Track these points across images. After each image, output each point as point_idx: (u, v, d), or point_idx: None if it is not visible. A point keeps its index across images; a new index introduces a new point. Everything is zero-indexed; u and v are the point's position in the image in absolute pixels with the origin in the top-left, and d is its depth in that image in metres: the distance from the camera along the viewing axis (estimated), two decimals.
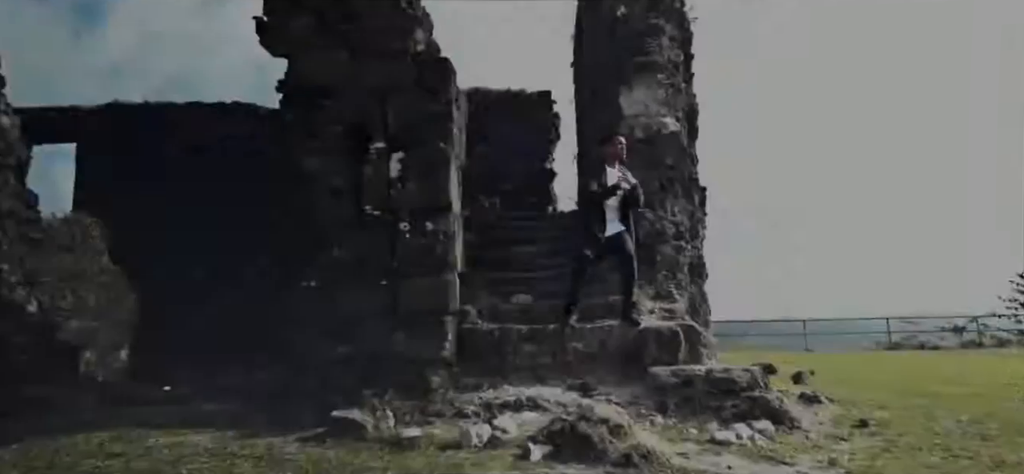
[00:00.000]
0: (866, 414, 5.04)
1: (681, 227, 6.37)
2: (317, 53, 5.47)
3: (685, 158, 6.50)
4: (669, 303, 5.86)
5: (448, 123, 5.38)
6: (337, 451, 4.07)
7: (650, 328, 5.26)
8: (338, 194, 5.36)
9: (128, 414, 4.99)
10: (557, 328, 5.51)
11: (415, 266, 5.23)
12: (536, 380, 5.25)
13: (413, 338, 5.13)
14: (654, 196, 6.38)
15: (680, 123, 6.68)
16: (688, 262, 6.30)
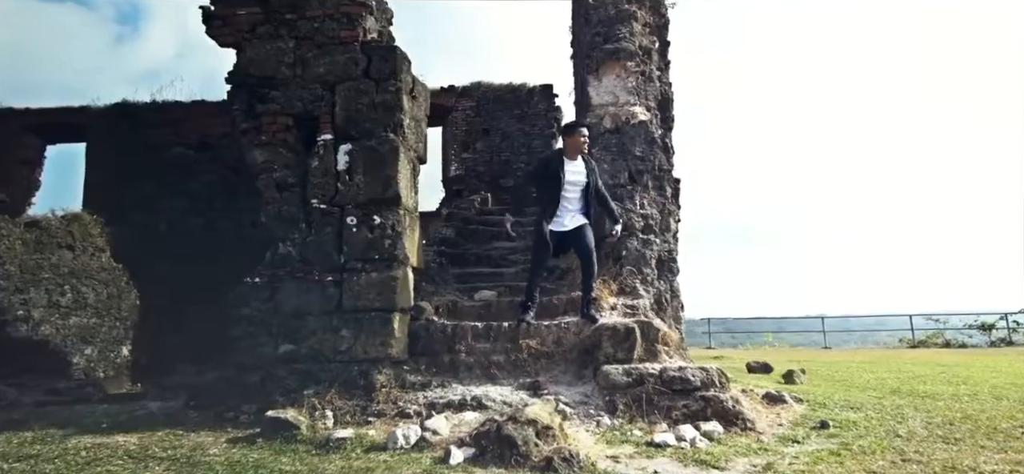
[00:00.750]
0: (833, 415, 4.78)
1: (650, 220, 6.12)
2: (264, 43, 5.34)
3: (655, 149, 6.24)
4: (633, 299, 5.63)
5: (397, 113, 5.21)
6: (261, 453, 3.94)
7: (606, 325, 5.04)
8: (284, 188, 5.21)
9: (66, 414, 4.91)
10: (511, 325, 5.32)
11: (361, 261, 5.07)
12: (488, 379, 5.06)
13: (358, 335, 4.96)
14: (622, 189, 6.15)
15: (651, 112, 6.42)
16: (656, 256, 6.04)
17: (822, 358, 12.63)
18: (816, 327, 22.89)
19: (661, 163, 6.28)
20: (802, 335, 23.13)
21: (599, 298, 5.55)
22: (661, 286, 5.96)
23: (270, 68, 5.30)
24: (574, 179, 5.35)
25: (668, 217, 6.23)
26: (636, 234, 5.96)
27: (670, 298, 6.13)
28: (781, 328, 23.43)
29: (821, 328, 22.47)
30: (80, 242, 12.73)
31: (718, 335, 23.60)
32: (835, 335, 23.24)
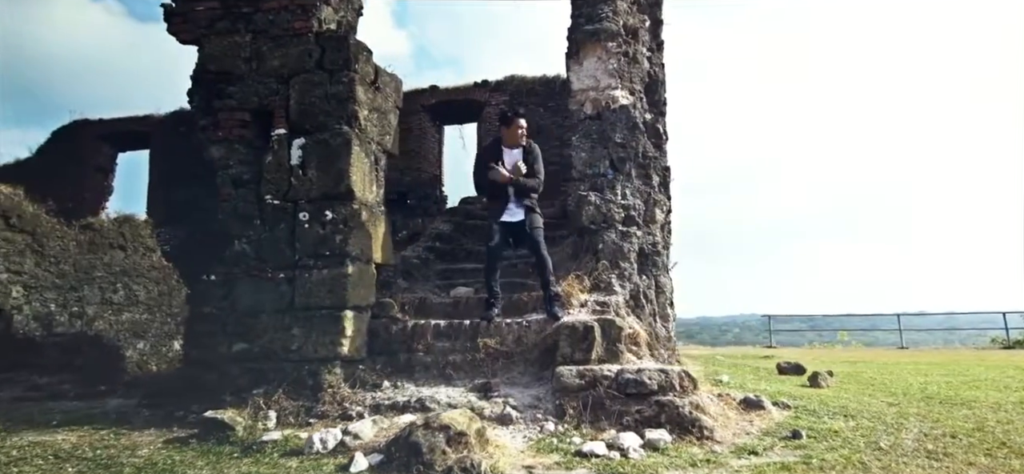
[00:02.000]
0: (815, 424, 4.27)
1: (632, 211, 5.70)
2: (221, 38, 5.28)
3: (637, 134, 5.81)
4: (606, 295, 5.25)
5: (350, 105, 5.03)
6: (183, 455, 3.84)
7: (565, 323, 4.70)
8: (240, 184, 5.14)
9: (29, 410, 5.01)
10: (472, 324, 5.06)
11: (313, 258, 4.92)
12: (443, 380, 4.82)
13: (309, 334, 4.82)
14: (601, 178, 5.76)
15: (636, 96, 5.99)
16: (637, 250, 5.62)
17: (883, 359, 11.66)
18: (909, 325, 20.90)
19: (646, 150, 5.85)
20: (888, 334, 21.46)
21: (569, 294, 5.20)
22: (642, 281, 5.54)
23: (227, 63, 5.24)
24: (512, 164, 5.15)
25: (654, 207, 5.80)
26: (615, 226, 5.57)
27: (655, 294, 5.70)
28: (874, 326, 21.65)
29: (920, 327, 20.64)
30: (131, 242, 13.35)
31: (784, 333, 22.15)
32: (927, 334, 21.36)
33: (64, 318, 11.64)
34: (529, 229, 5.08)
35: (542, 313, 5.08)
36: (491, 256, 5.14)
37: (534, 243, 5.05)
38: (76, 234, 11.93)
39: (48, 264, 11.48)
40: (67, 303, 11.65)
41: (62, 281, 11.61)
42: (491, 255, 5.14)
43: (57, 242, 11.57)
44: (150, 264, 13.26)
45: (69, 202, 12.47)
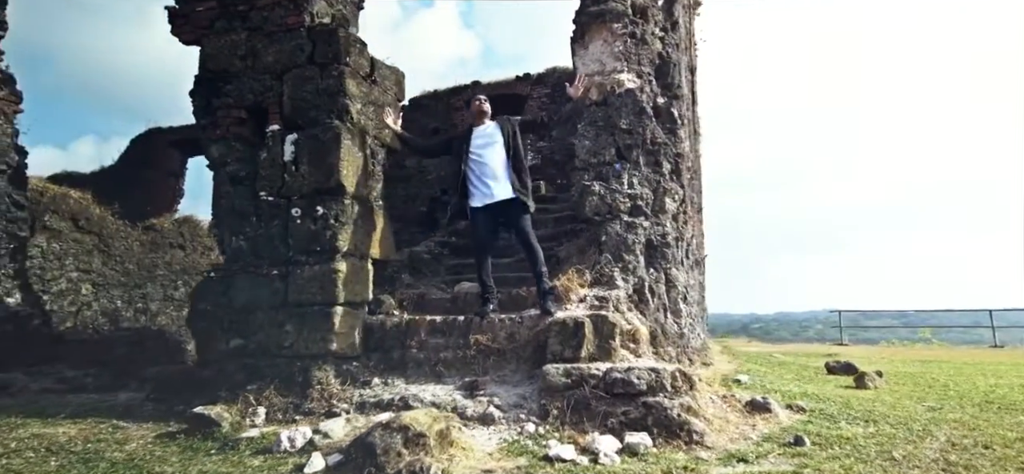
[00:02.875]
0: (826, 430, 3.89)
1: (639, 201, 5.39)
2: (219, 37, 5.32)
3: (644, 119, 5.48)
4: (607, 289, 4.97)
5: (341, 99, 4.96)
6: (165, 450, 3.88)
7: (556, 320, 4.47)
8: (237, 181, 5.17)
9: (46, 402, 5.21)
10: (466, 320, 4.90)
11: (305, 254, 4.89)
12: (434, 377, 4.69)
13: (301, 330, 4.79)
14: (607, 167, 5.48)
15: (644, 79, 5.67)
16: (644, 242, 5.30)
17: (964, 358, 10.73)
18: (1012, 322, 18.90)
19: (655, 135, 5.52)
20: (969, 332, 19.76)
21: (568, 289, 4.96)
22: (649, 275, 5.23)
23: (224, 61, 5.28)
24: (482, 142, 5.00)
25: (664, 196, 5.47)
26: (620, 217, 5.28)
27: (665, 288, 5.38)
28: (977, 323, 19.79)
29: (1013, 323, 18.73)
30: (190, 242, 13.98)
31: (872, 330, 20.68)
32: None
33: (129, 313, 12.27)
34: (517, 219, 4.86)
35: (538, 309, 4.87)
36: (478, 248, 4.97)
37: (522, 235, 4.85)
38: (139, 235, 12.54)
39: (114, 263, 12.10)
40: (132, 300, 12.28)
41: (127, 279, 12.23)
42: (477, 247, 4.97)
43: (122, 242, 12.17)
44: (209, 262, 13.81)
45: (148, 205, 13.10)
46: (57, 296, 11.53)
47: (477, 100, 5.15)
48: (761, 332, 50.65)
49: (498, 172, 4.91)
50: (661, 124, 5.78)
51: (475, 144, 5.03)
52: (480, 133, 5.03)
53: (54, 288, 12.01)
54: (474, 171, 4.96)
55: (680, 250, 5.77)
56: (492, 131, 5.03)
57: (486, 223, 4.96)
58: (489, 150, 4.97)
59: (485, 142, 5.01)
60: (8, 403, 5.33)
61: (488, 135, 5.03)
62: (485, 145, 5.00)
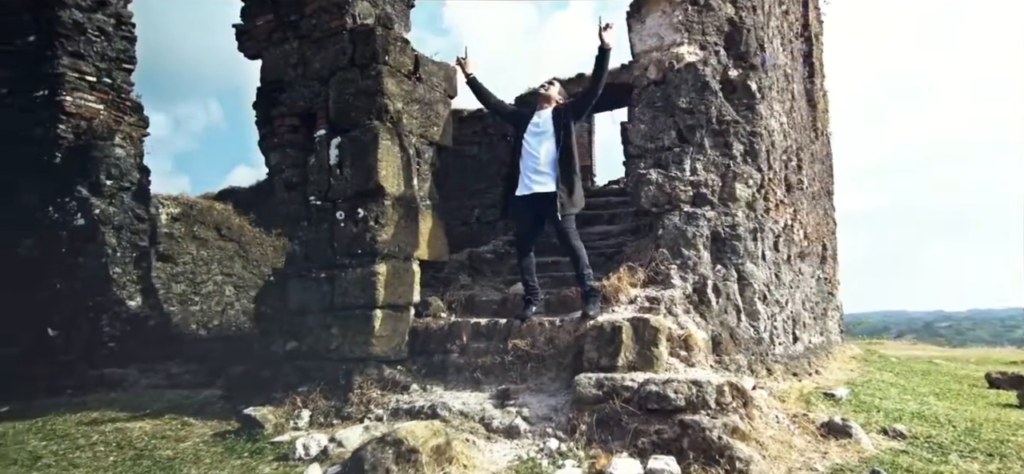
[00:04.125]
0: (923, 465, 3.14)
1: (703, 188, 4.78)
2: (275, 49, 5.49)
3: (708, 96, 4.84)
4: (661, 289, 4.46)
5: (379, 98, 4.90)
6: (211, 449, 4.07)
7: (594, 324, 4.07)
8: (291, 187, 5.30)
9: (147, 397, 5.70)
10: (506, 323, 4.64)
11: (348, 257, 4.89)
12: (471, 383, 4.49)
13: (345, 333, 4.81)
14: (666, 152, 4.94)
15: (708, 50, 5.02)
16: (708, 234, 4.69)
17: None
18: None
19: (721, 113, 4.88)
20: None
21: (618, 289, 4.52)
22: (714, 272, 4.62)
23: (279, 71, 5.44)
24: (535, 131, 4.63)
25: (734, 182, 4.81)
26: (680, 208, 4.72)
27: (738, 287, 4.73)
28: None
29: None
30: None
31: None
32: None
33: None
34: (558, 217, 4.47)
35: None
36: (517, 243, 4.67)
37: (560, 232, 4.48)
38: (273, 241, 13.70)
39: (252, 267, 13.30)
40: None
41: (263, 281, 13.39)
42: (516, 242, 4.67)
43: (258, 248, 13.33)
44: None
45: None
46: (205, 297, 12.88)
47: (544, 89, 4.80)
48: (951, 333, 44.10)
49: (542, 165, 4.57)
50: (734, 99, 5.11)
51: (528, 131, 4.70)
52: (536, 121, 4.68)
53: (203, 290, 13.42)
54: (523, 159, 4.67)
55: (760, 242, 5.06)
56: (546, 121, 4.67)
57: (526, 216, 4.65)
58: (539, 140, 4.64)
59: (538, 131, 4.67)
60: (116, 397, 5.92)
61: (542, 124, 4.68)
62: (537, 134, 4.66)
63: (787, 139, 6.67)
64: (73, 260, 6.97)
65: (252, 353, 5.64)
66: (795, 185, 7.06)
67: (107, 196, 7.22)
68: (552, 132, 4.55)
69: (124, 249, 7.26)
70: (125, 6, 8.52)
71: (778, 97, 6.24)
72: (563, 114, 4.59)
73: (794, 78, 7.60)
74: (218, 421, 4.75)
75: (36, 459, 4.04)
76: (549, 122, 4.59)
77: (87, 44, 7.90)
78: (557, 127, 4.54)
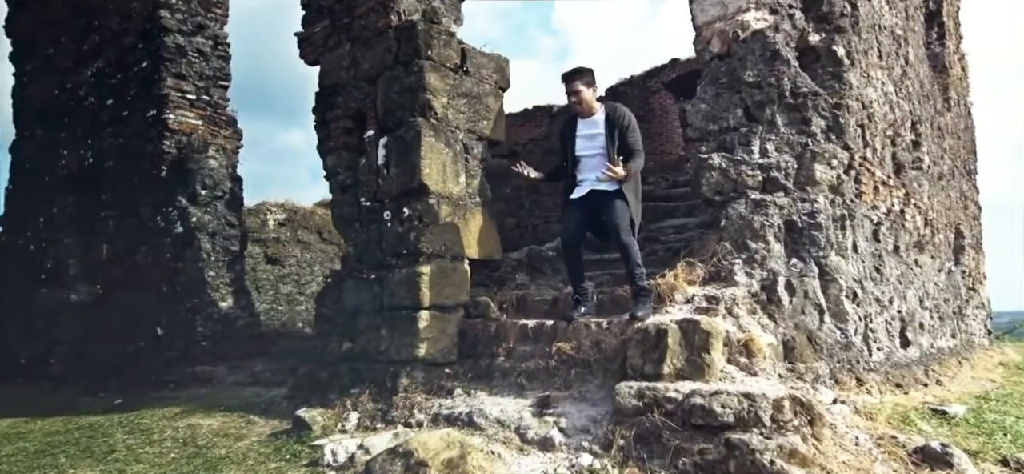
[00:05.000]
0: None
1: (774, 172, 4.19)
2: (330, 53, 5.56)
3: (779, 66, 4.22)
4: (722, 287, 3.95)
5: (421, 94, 4.78)
6: (262, 449, 4.14)
7: (638, 327, 3.67)
8: (345, 189, 5.33)
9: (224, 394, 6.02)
10: (553, 325, 4.35)
11: (395, 257, 4.82)
12: (516, 389, 4.25)
13: (393, 335, 4.74)
14: (731, 133, 4.41)
15: (779, 13, 4.40)
16: (780, 224, 4.09)
17: None
18: None
19: (797, 84, 4.25)
20: None
21: (674, 287, 4.08)
22: (786, 267, 4.04)
23: (334, 75, 5.50)
24: (588, 132, 4.27)
25: (813, 163, 4.18)
26: (746, 194, 4.17)
27: (820, 283, 4.11)
28: None
29: None
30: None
31: None
32: None
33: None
34: (609, 207, 4.12)
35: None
36: (566, 246, 4.37)
37: (612, 226, 4.11)
38: None
39: None
40: None
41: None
42: (566, 245, 4.37)
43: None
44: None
45: None
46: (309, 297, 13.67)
47: (575, 92, 4.27)
48: None
49: (598, 165, 4.21)
50: (817, 69, 4.46)
51: (580, 134, 4.34)
52: (586, 126, 4.31)
53: (307, 291, 14.25)
54: (575, 165, 4.38)
55: (850, 231, 4.37)
56: (599, 123, 4.27)
57: (578, 218, 4.33)
58: (594, 144, 4.27)
59: (590, 132, 4.31)
60: (200, 393, 6.31)
61: (593, 126, 4.30)
62: (590, 137, 4.30)
63: (895, 111, 5.78)
64: (174, 265, 7.55)
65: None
66: (908, 164, 6.11)
67: (202, 205, 7.74)
68: (603, 133, 4.19)
69: (218, 254, 7.75)
70: (221, 28, 9.14)
71: (881, 63, 5.41)
72: (619, 115, 4.20)
73: (907, 41, 6.60)
74: (279, 420, 4.86)
75: (110, 452, 4.34)
76: (602, 125, 4.23)
77: (188, 65, 8.55)
78: (609, 128, 4.17)
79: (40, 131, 11.11)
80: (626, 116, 4.24)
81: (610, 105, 4.30)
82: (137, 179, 8.42)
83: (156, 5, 8.61)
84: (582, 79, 4.28)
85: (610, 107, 4.27)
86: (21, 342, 10.20)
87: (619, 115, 4.21)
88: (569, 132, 4.37)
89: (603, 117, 4.25)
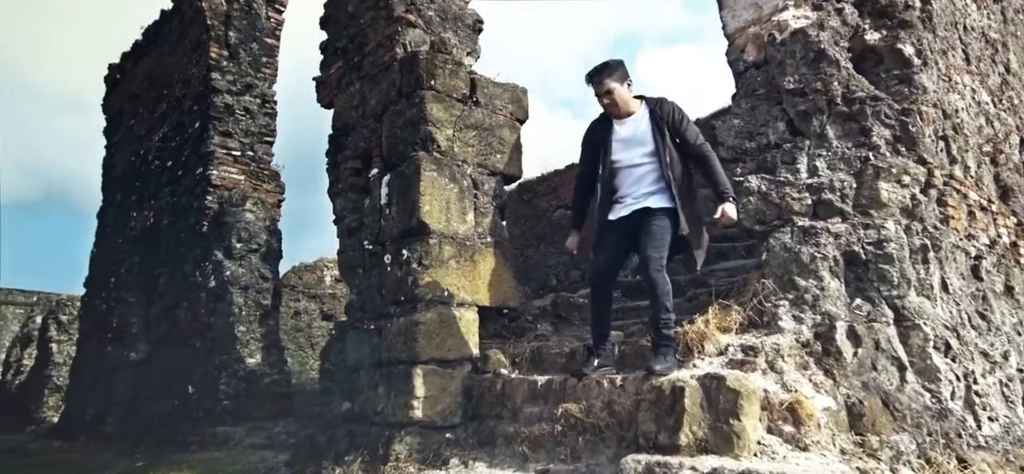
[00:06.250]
0: None
1: (827, 192, 3.41)
2: (342, 93, 5.33)
3: (826, 67, 3.49)
4: (763, 333, 3.17)
5: (422, 127, 4.37)
6: None
7: (650, 385, 2.96)
8: (351, 233, 4.96)
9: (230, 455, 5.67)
10: (562, 382, 3.69)
11: (394, 305, 4.35)
12: (518, 459, 3.59)
13: (389, 394, 4.22)
14: (772, 151, 3.69)
15: (825, 9, 3.70)
16: (837, 256, 3.28)
17: None
18: None
19: (850, 88, 3.50)
20: None
21: (704, 335, 3.34)
22: (847, 309, 3.21)
23: (345, 115, 5.24)
24: (628, 135, 3.49)
25: (875, 179, 3.38)
26: (792, 221, 3.41)
27: (898, 331, 3.25)
28: None
29: None
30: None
31: None
32: None
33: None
34: (647, 230, 3.34)
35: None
36: (595, 281, 3.65)
37: (644, 258, 3.37)
38: None
39: None
40: None
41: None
42: (595, 279, 3.64)
43: None
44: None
45: None
46: None
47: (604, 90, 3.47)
48: None
49: (649, 182, 3.44)
50: (878, 71, 3.70)
51: (618, 139, 3.55)
52: (626, 128, 3.52)
53: None
54: (614, 179, 3.54)
55: (936, 265, 3.48)
56: (638, 122, 3.51)
57: (614, 245, 3.53)
58: (637, 151, 3.48)
59: (630, 136, 3.52)
60: (213, 457, 6.00)
61: (635, 128, 3.51)
62: (628, 143, 3.52)
63: (993, 125, 4.81)
64: (207, 320, 7.44)
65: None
66: (1018, 188, 5.05)
67: (237, 258, 7.67)
68: (652, 135, 3.43)
69: (249, 308, 7.60)
70: (269, 86, 9.34)
71: (969, 68, 4.53)
72: (657, 109, 3.46)
73: (1007, 46, 5.61)
74: None
75: None
76: (647, 123, 3.49)
77: (234, 123, 8.72)
78: (659, 130, 3.41)
79: (118, 196, 11.74)
80: (676, 108, 3.50)
81: (652, 99, 3.56)
82: (184, 235, 8.54)
83: (209, 68, 8.91)
84: (612, 74, 3.49)
85: (653, 101, 3.53)
86: (87, 400, 10.48)
87: (667, 109, 3.47)
88: (602, 137, 3.57)
89: (646, 114, 3.51)
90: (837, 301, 3.19)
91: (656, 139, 3.43)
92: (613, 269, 3.61)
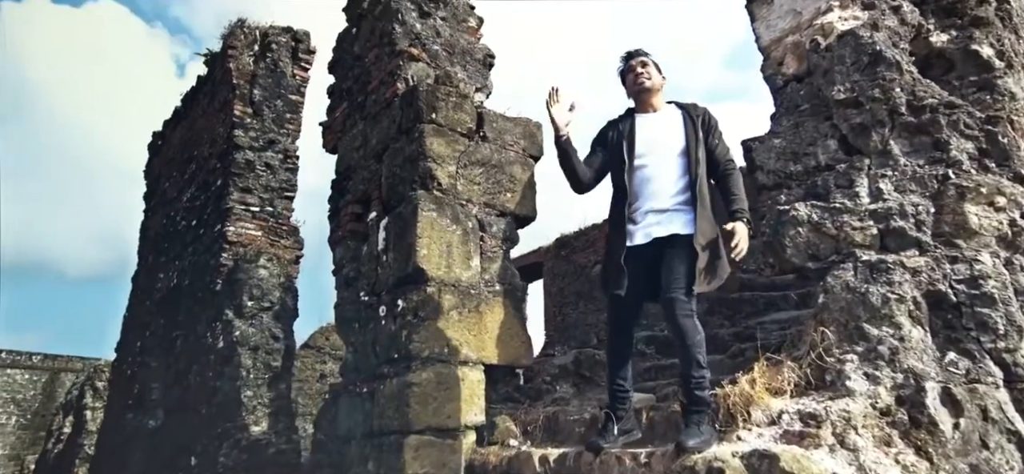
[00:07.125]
0: None
1: (895, 219, 2.77)
2: (346, 136, 4.99)
3: (883, 71, 2.91)
4: (827, 397, 2.50)
5: (421, 163, 3.94)
6: None
7: (684, 466, 2.31)
8: (349, 284, 4.51)
9: None
10: (574, 457, 3.05)
11: (388, 364, 3.81)
12: None
13: (379, 470, 3.64)
14: (822, 174, 3.08)
15: (878, 8, 3.14)
16: (916, 297, 2.61)
17: None
18: None
19: (916, 93, 2.90)
20: None
21: (749, 398, 2.67)
22: (939, 365, 2.52)
23: (347, 159, 4.88)
24: (654, 135, 2.92)
25: (960, 201, 2.73)
26: (854, 255, 2.77)
27: (1010, 397, 2.53)
28: None
29: None
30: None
31: None
32: None
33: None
34: (669, 266, 2.74)
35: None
36: (613, 323, 3.02)
37: (666, 300, 2.76)
38: None
39: None
40: None
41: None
42: (613, 320, 3.02)
43: None
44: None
45: None
46: None
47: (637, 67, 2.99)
48: None
49: (669, 190, 2.85)
50: (952, 80, 3.10)
51: (641, 135, 2.96)
52: (652, 126, 2.97)
53: None
54: (634, 190, 2.90)
55: None
56: (669, 121, 2.97)
57: (635, 286, 2.86)
58: (666, 156, 2.90)
59: (654, 138, 2.95)
60: None
61: (665, 127, 2.96)
62: (655, 142, 2.95)
63: None
64: (214, 384, 7.04)
65: None
66: None
67: (248, 317, 7.31)
68: (686, 134, 2.87)
69: (257, 370, 7.17)
70: (292, 142, 9.21)
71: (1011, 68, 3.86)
72: (690, 113, 2.92)
73: None
74: None
75: None
76: (681, 121, 2.93)
77: (255, 178, 8.55)
78: (693, 130, 2.86)
79: (150, 258, 11.73)
80: (711, 114, 2.96)
81: (684, 103, 3.01)
82: (200, 294, 8.28)
83: (233, 126, 8.85)
84: (650, 56, 3.05)
85: (685, 104, 3.00)
86: (107, 469, 10.16)
87: (701, 110, 2.94)
88: (625, 132, 2.96)
89: (678, 112, 2.96)
90: (923, 355, 2.50)
91: (689, 137, 2.87)
92: (636, 307, 3.00)
